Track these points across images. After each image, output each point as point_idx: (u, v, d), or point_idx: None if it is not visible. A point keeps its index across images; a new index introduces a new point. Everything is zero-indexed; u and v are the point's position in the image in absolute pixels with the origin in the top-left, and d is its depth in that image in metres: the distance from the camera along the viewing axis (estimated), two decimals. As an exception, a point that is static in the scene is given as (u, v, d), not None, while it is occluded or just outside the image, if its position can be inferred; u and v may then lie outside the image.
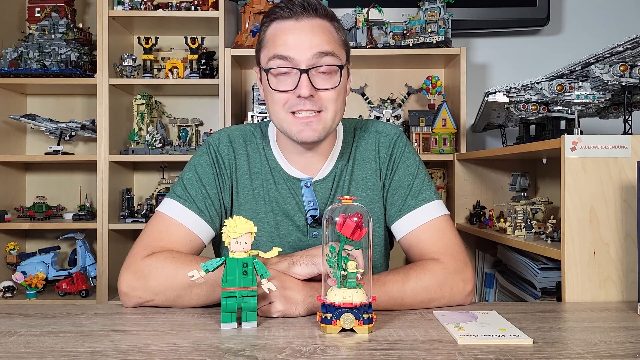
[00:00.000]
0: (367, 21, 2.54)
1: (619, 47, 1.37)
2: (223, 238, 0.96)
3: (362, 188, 1.28)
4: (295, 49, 1.14)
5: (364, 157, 1.30)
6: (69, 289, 2.43)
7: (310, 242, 1.24)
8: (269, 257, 0.99)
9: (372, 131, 1.32)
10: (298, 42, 1.14)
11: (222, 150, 1.27)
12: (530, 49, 2.82)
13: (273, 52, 1.15)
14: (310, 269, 1.06)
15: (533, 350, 0.86)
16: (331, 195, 1.26)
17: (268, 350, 0.85)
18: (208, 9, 2.49)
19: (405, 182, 1.28)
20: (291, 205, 1.25)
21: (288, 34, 1.15)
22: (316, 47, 1.14)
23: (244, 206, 1.25)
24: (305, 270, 1.06)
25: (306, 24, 1.16)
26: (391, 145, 1.30)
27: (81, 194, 2.77)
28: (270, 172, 1.27)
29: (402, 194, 1.27)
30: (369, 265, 0.97)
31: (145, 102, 2.62)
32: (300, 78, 1.13)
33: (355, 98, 2.76)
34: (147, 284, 1.11)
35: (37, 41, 2.49)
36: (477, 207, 2.33)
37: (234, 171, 1.27)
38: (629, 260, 1.25)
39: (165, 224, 1.20)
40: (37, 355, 0.83)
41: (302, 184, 1.25)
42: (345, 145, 1.30)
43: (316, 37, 1.15)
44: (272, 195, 1.25)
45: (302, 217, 1.24)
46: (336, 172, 1.27)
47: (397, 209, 1.27)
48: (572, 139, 1.29)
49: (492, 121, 2.25)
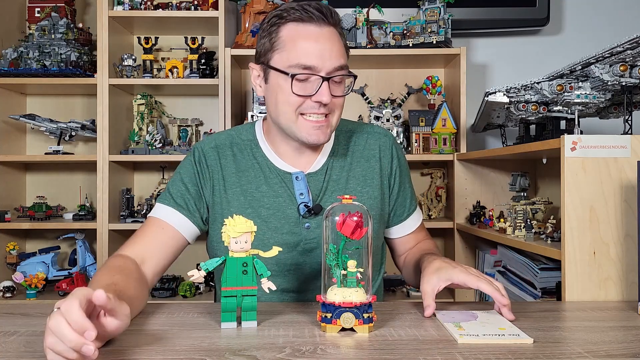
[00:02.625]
0: (367, 21, 2.54)
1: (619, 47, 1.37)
2: (223, 237, 0.96)
3: (362, 184, 1.32)
4: (319, 59, 1.16)
5: (364, 155, 1.34)
6: (69, 289, 2.43)
7: (303, 233, 1.26)
8: (270, 256, 0.99)
9: (371, 132, 1.38)
10: (321, 51, 1.17)
11: (207, 152, 1.31)
12: (530, 49, 2.82)
13: (296, 60, 1.16)
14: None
15: (533, 349, 0.86)
16: (324, 187, 1.29)
17: (268, 349, 0.85)
18: (208, 9, 2.49)
19: (406, 184, 1.41)
20: (283, 198, 1.27)
21: (311, 40, 1.17)
22: (336, 59, 1.18)
23: (233, 203, 1.27)
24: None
25: (326, 31, 1.19)
26: (391, 147, 1.38)
27: (81, 194, 2.77)
28: (260, 169, 1.29)
29: (406, 195, 1.40)
30: (369, 264, 0.97)
31: (145, 102, 2.62)
32: (322, 85, 1.17)
33: (355, 98, 2.76)
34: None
35: (37, 41, 2.49)
36: (477, 207, 2.33)
37: (220, 171, 1.30)
38: (629, 260, 1.25)
39: (144, 225, 1.27)
40: (37, 355, 0.83)
41: (294, 177, 1.27)
42: (338, 142, 1.34)
43: (335, 47, 1.19)
44: (263, 190, 1.28)
45: (295, 209, 1.26)
46: (328, 166, 1.31)
47: (406, 210, 1.40)
48: (572, 139, 1.29)
49: (492, 121, 2.25)
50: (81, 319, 0.74)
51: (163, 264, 1.24)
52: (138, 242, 1.23)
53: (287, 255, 1.26)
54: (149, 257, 1.21)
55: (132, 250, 1.20)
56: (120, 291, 0.98)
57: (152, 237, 1.24)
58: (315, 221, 1.26)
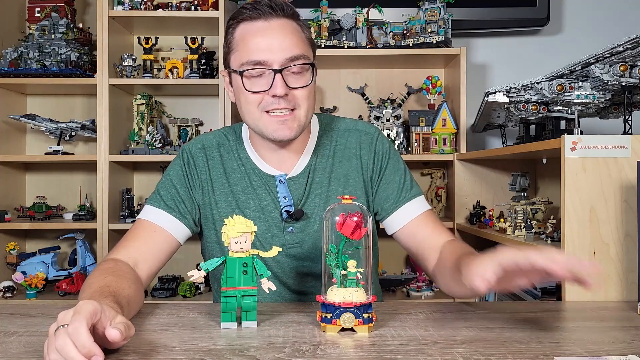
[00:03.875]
0: (367, 21, 2.54)
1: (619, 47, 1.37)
2: (223, 237, 0.96)
3: (344, 185, 1.29)
4: (269, 52, 1.15)
5: (345, 154, 1.31)
6: (69, 289, 2.43)
7: (286, 237, 1.25)
8: (269, 256, 0.99)
9: (352, 129, 1.34)
10: (270, 44, 1.15)
11: (194, 153, 1.30)
12: (530, 49, 2.82)
13: (246, 57, 1.16)
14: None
15: (533, 349, 0.86)
16: (306, 191, 1.27)
17: (268, 350, 0.85)
18: (208, 9, 2.49)
19: (396, 177, 1.32)
20: (267, 202, 1.26)
21: (258, 36, 1.16)
22: (288, 49, 1.15)
23: (222, 204, 1.27)
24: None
25: (275, 24, 1.17)
26: (373, 142, 1.33)
27: (81, 194, 2.77)
28: (245, 171, 1.28)
29: (395, 187, 1.31)
30: (369, 265, 0.97)
31: (145, 102, 2.62)
32: (275, 78, 1.15)
33: (355, 98, 2.76)
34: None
35: (37, 41, 2.49)
36: (477, 207, 2.33)
37: (208, 172, 1.29)
38: (629, 260, 1.25)
39: (134, 227, 1.25)
40: (37, 355, 0.83)
41: (277, 180, 1.26)
42: (321, 142, 1.31)
43: (287, 38, 1.16)
44: (248, 192, 1.27)
45: (278, 212, 1.26)
46: (310, 168, 1.29)
47: (394, 201, 1.30)
48: (572, 139, 1.29)
49: (492, 121, 2.25)
50: (89, 342, 0.73)
51: (157, 266, 1.22)
52: (130, 245, 1.21)
53: (270, 258, 1.24)
54: (141, 260, 1.19)
55: (124, 254, 1.18)
56: (114, 292, 0.98)
57: (144, 240, 1.22)
58: (298, 225, 1.25)
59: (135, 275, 1.15)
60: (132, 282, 1.09)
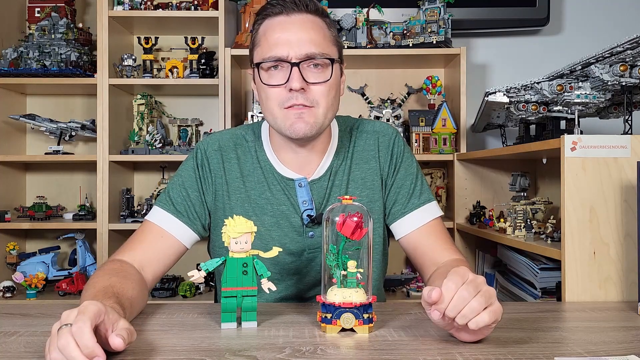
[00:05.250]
0: (367, 21, 2.54)
1: (619, 47, 1.37)
2: (223, 238, 0.96)
3: (361, 188, 1.27)
4: (287, 46, 1.13)
5: (363, 157, 1.29)
6: (69, 289, 2.43)
7: (306, 242, 1.23)
8: (270, 256, 0.99)
9: (370, 131, 1.32)
10: (289, 38, 1.14)
11: (210, 154, 1.27)
12: (530, 49, 2.82)
13: (267, 52, 1.15)
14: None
15: (533, 349, 0.86)
16: (327, 194, 1.25)
17: (268, 350, 0.85)
18: (208, 9, 2.49)
19: (407, 181, 1.30)
20: (286, 206, 1.24)
21: (278, 30, 1.15)
22: (307, 44, 1.14)
23: (237, 209, 1.24)
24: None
25: (296, 18, 1.16)
26: (390, 144, 1.31)
27: (81, 194, 2.77)
28: (263, 174, 1.25)
29: (405, 192, 1.29)
30: (369, 265, 0.97)
31: (145, 102, 2.62)
32: (292, 71, 1.13)
33: (355, 98, 2.76)
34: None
35: (37, 41, 2.49)
36: (477, 207, 2.33)
37: (223, 175, 1.26)
38: (629, 260, 1.25)
39: (142, 230, 1.23)
40: (37, 355, 0.83)
41: (296, 184, 1.24)
42: (341, 144, 1.29)
43: (306, 32, 1.15)
44: (266, 197, 1.24)
45: (298, 217, 1.23)
46: (332, 171, 1.26)
47: (401, 207, 1.28)
48: (572, 139, 1.29)
49: (492, 121, 2.25)
50: (91, 343, 0.73)
51: (162, 270, 1.21)
52: (136, 247, 1.19)
53: (290, 263, 1.23)
54: (147, 264, 1.18)
55: (130, 256, 1.17)
56: (118, 293, 0.98)
57: (150, 244, 1.20)
58: (319, 230, 1.22)
59: (140, 277, 1.14)
60: (137, 284, 1.09)
